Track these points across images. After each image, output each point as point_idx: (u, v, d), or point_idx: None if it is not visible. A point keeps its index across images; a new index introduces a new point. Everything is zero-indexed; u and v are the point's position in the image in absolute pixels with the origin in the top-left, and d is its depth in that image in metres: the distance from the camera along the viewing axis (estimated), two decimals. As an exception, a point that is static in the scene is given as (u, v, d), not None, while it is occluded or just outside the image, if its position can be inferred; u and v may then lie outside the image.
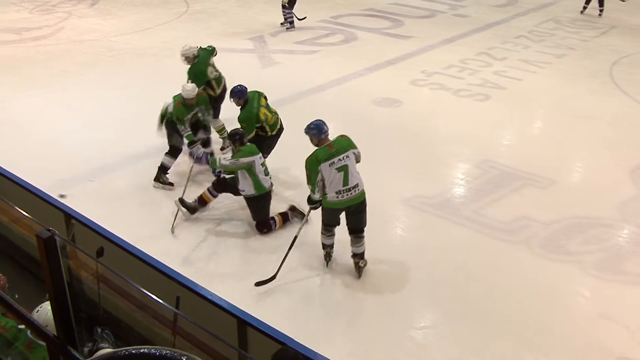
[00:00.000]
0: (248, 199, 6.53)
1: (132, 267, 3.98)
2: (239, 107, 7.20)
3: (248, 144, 6.53)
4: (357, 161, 5.72)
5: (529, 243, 6.48)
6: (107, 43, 13.07)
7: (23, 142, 8.67)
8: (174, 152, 7.42)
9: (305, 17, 13.85)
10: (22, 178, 5.22)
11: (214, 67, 8.19)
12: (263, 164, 6.47)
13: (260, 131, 7.20)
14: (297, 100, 9.92)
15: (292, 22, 13.66)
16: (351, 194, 5.65)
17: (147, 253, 4.11)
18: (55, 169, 7.76)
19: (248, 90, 7.21)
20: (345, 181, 5.57)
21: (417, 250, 6.35)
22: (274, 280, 5.67)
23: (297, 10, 13.64)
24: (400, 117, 9.42)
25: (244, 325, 3.57)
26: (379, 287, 5.83)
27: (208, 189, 6.72)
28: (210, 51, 8.31)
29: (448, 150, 8.43)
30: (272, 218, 6.55)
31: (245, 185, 6.46)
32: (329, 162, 5.54)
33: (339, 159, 5.59)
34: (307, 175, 5.64)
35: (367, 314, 5.43)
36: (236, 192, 6.62)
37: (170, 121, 7.29)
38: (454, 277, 5.95)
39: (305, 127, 5.71)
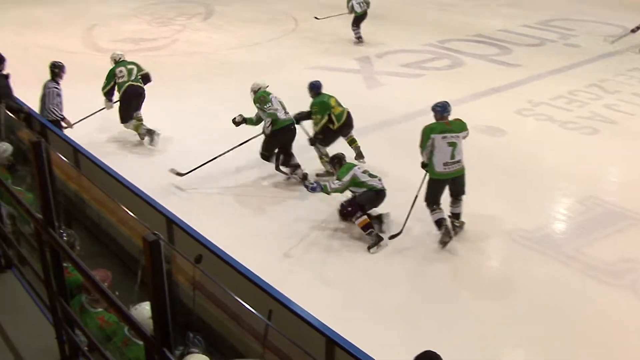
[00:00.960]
0: None
1: (228, 277, 4.05)
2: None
3: (344, 163, 7.05)
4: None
5: (634, 287, 6.16)
6: (218, 56, 13.48)
7: (134, 148, 9.07)
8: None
9: (317, 17, 14.94)
10: (130, 181, 5.43)
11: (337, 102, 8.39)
12: (364, 171, 6.93)
13: (328, 123, 8.16)
14: (399, 123, 9.85)
15: (359, 38, 14.31)
16: (455, 167, 6.62)
17: (242, 264, 4.16)
18: (162, 176, 8.01)
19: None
20: (452, 155, 6.56)
21: (512, 284, 6.19)
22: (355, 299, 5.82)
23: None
24: (504, 147, 9.23)
25: (332, 344, 3.54)
26: (469, 320, 5.70)
27: (355, 217, 6.90)
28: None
29: (552, 184, 8.20)
30: (364, 214, 6.79)
31: (364, 195, 6.87)
32: (442, 135, 6.58)
33: (452, 136, 6.61)
34: (420, 139, 6.66)
35: (449, 342, 5.26)
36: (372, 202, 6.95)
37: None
38: (550, 317, 5.74)
39: (431, 107, 6.82)
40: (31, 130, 6.53)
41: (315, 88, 8.34)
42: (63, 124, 8.10)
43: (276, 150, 8.09)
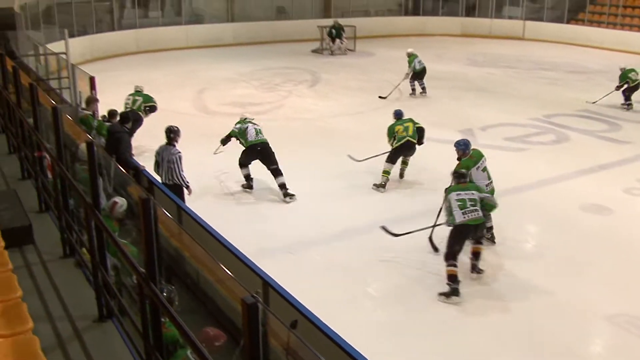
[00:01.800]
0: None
1: (322, 344, 3.99)
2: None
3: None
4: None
5: None
6: (321, 123, 13.60)
7: (234, 208, 9.19)
8: None
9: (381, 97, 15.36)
10: (229, 241, 5.53)
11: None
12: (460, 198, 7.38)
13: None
14: (500, 197, 9.59)
15: (414, 90, 15.98)
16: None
17: (335, 331, 4.10)
18: (258, 237, 8.10)
19: None
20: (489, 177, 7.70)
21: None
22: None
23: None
24: (610, 226, 8.79)
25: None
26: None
27: (447, 262, 7.24)
28: None
29: (663, 269, 7.47)
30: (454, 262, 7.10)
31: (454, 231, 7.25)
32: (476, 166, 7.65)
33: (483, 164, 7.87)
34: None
35: None
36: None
37: None
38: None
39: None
40: (140, 186, 6.73)
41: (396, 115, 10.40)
42: (186, 191, 8.26)
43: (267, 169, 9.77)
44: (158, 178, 8.02)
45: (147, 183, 7.49)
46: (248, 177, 9.96)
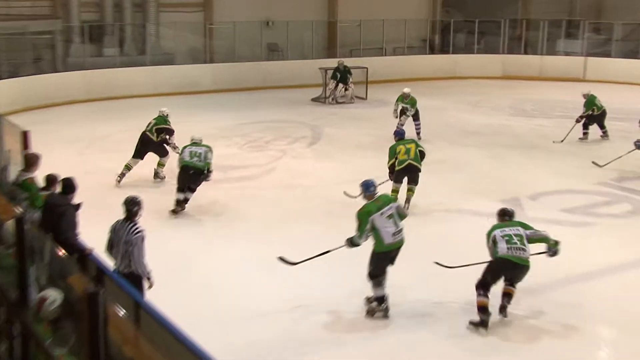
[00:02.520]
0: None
1: None
2: None
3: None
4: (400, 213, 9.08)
5: None
6: (322, 191, 13.59)
7: (213, 308, 8.95)
8: None
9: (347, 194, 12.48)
10: (201, 349, 5.34)
11: None
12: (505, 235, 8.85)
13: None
14: (558, 288, 9.55)
15: (586, 134, 17.54)
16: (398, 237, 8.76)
17: None
18: (243, 346, 8.02)
19: None
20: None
21: None
22: None
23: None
24: None
25: None
26: None
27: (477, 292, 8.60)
28: None
29: None
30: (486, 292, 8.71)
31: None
32: (380, 212, 8.69)
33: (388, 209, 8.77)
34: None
35: None
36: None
37: None
38: None
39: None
40: (86, 276, 6.52)
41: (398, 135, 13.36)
42: (147, 283, 8.10)
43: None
44: (111, 264, 7.83)
45: (95, 271, 7.32)
46: (179, 202, 12.30)
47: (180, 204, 12.33)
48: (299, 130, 19.03)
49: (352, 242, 8.78)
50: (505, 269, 8.47)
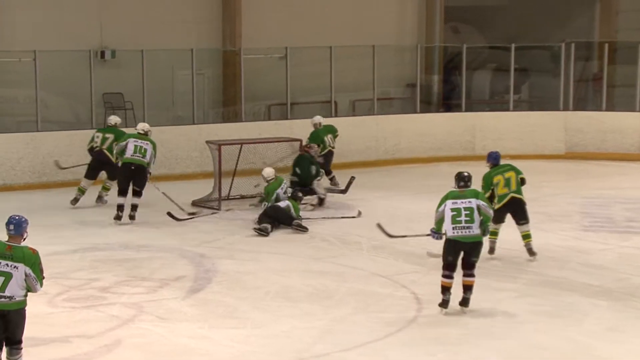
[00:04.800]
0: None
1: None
2: None
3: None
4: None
5: None
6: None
7: None
8: None
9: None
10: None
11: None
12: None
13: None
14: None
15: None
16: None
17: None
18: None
19: None
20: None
21: None
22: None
23: None
24: None
25: None
26: None
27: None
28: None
29: None
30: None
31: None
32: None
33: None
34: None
35: None
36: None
37: None
38: None
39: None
40: None
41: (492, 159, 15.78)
42: None
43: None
44: None
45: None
46: (121, 207, 16.05)
47: (122, 209, 15.76)
48: (170, 265, 16.77)
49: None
50: (457, 248, 12.39)
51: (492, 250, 15.32)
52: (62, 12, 26.20)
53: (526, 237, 15.20)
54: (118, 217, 16.26)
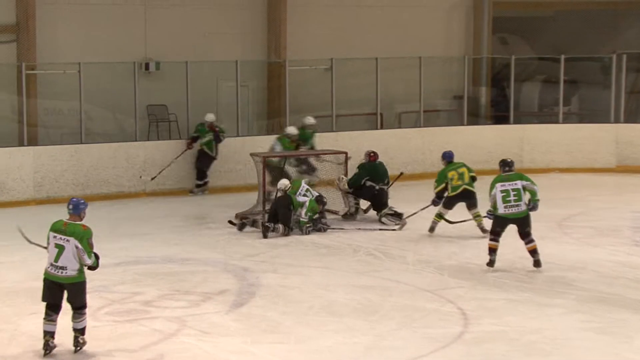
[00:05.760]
0: None
1: None
2: None
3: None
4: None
5: None
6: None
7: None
8: None
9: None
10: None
11: None
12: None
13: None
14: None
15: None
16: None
17: None
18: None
19: None
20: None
21: None
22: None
23: None
24: None
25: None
26: None
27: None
28: None
29: None
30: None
31: None
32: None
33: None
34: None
35: None
36: None
37: None
38: None
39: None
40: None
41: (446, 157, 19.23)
42: None
43: None
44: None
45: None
46: None
47: None
48: (213, 279, 16.65)
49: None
50: (506, 223, 15.12)
51: (432, 230, 18.14)
52: (106, 25, 26.41)
53: (477, 216, 17.78)
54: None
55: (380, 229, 20.16)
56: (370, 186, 21.80)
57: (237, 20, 28.48)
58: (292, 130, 21.52)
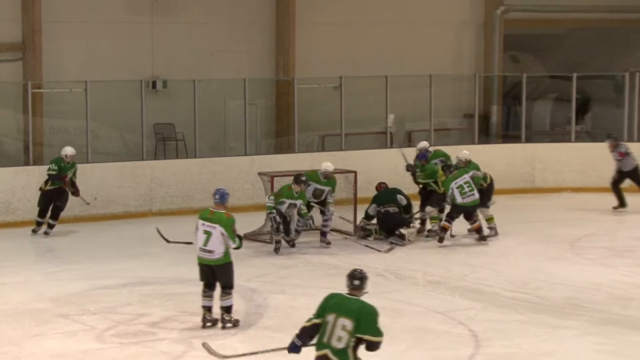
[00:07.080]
0: None
1: None
2: None
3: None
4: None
5: None
6: None
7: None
8: None
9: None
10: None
11: None
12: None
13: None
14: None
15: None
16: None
17: None
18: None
19: None
20: None
21: None
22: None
23: None
24: None
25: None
26: None
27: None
28: None
29: None
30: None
31: None
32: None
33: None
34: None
35: None
36: None
37: None
38: None
39: None
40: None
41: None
42: None
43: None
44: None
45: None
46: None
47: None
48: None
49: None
50: (461, 211, 18.58)
51: (441, 240, 19.03)
52: (113, 43, 26.57)
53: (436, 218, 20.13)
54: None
55: (366, 245, 19.81)
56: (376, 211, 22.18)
57: (245, 38, 28.67)
58: (328, 166, 20.00)
